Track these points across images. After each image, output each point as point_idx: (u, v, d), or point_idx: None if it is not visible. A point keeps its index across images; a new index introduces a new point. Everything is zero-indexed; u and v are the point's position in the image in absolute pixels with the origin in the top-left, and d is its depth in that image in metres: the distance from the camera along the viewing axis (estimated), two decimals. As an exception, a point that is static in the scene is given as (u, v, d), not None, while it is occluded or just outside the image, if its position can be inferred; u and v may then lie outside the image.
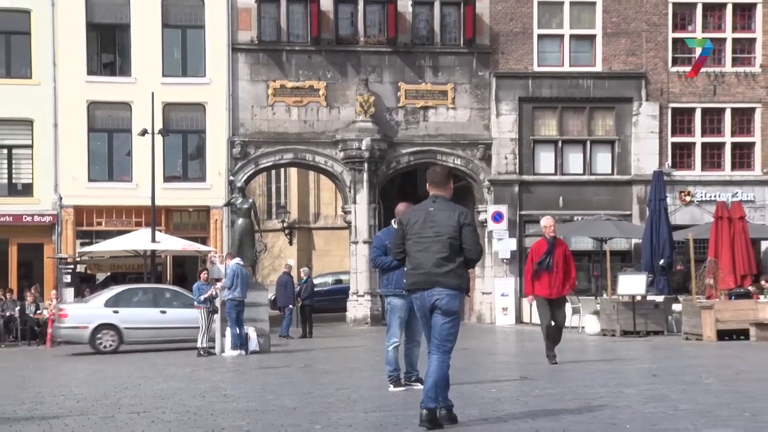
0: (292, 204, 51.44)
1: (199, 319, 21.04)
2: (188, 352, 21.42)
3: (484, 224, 32.10)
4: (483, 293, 32.72)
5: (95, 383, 14.63)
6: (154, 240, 28.97)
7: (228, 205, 27.77)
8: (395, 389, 11.56)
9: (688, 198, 33.12)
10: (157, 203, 29.44)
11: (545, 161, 33.40)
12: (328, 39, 32.52)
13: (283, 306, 28.91)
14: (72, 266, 31.17)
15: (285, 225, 50.73)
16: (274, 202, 52.59)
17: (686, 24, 33.75)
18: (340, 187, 33.89)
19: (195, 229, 32.65)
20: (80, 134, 31.56)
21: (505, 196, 32.83)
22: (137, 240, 29.83)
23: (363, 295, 32.48)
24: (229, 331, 20.71)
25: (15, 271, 31.78)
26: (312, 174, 47.10)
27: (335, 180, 33.87)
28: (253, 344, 21.04)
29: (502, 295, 32.17)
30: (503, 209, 32.24)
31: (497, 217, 32.12)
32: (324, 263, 48.68)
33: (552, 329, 15.16)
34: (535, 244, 15.69)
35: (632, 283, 24.43)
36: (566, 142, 33.43)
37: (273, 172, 47.26)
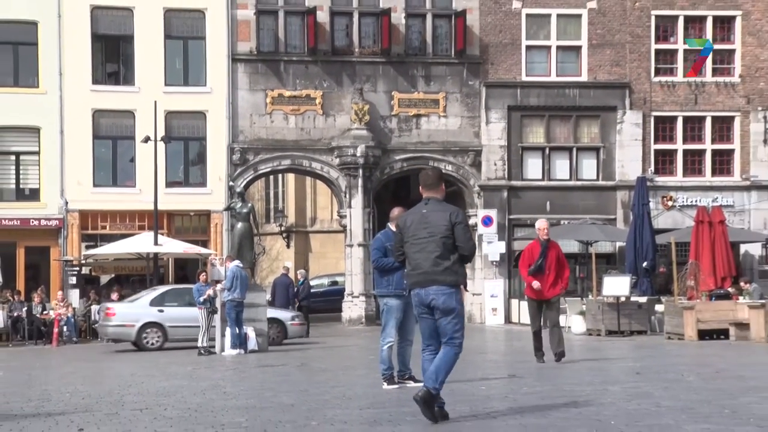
0: (289, 208, 51.37)
1: (199, 319, 21.07)
2: (189, 351, 21.39)
3: (474, 228, 32.10)
4: (473, 294, 32.69)
5: (100, 381, 14.61)
6: (156, 243, 28.94)
7: (228, 209, 27.73)
8: (389, 387, 11.54)
9: (670, 203, 33.16)
10: (160, 208, 29.41)
11: (533, 167, 33.44)
12: (324, 50, 32.54)
13: (281, 307, 28.80)
14: (77, 268, 31.24)
15: (283, 228, 50.67)
16: (272, 206, 52.51)
17: (668, 36, 33.81)
18: (336, 192, 33.88)
19: (196, 232, 32.64)
20: (85, 141, 31.55)
21: (495, 200, 32.86)
22: (140, 243, 29.82)
23: (358, 296, 32.47)
24: (228, 331, 20.68)
25: (22, 273, 31.70)
26: (309, 179, 47.08)
27: (331, 185, 33.86)
28: (251, 343, 21.01)
29: (492, 296, 32.21)
30: (493, 213, 32.28)
31: (487, 221, 32.15)
32: (320, 265, 48.61)
33: (541, 334, 14.92)
34: (528, 245, 15.36)
35: (617, 285, 24.46)
36: (553, 149, 33.47)
37: (271, 177, 47.21)
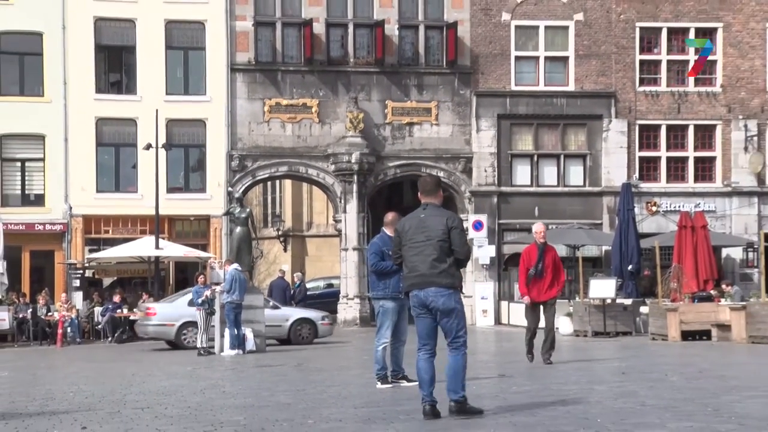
0: (286, 213, 51.31)
1: (197, 320, 21.04)
2: (189, 351, 21.36)
3: (465, 232, 32.06)
4: (464, 296, 32.64)
5: (102, 381, 14.56)
6: (157, 247, 28.91)
7: (227, 214, 27.74)
8: (383, 386, 11.53)
9: (654, 208, 33.19)
10: (161, 213, 29.39)
11: (522, 174, 33.44)
12: (320, 60, 32.54)
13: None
14: (81, 271, 31.24)
15: (280, 233, 50.60)
16: (269, 211, 52.43)
17: (652, 47, 33.86)
18: (332, 198, 33.86)
19: (196, 236, 32.59)
20: (89, 148, 31.51)
21: (485, 206, 32.85)
22: (142, 247, 29.82)
23: (353, 299, 32.43)
24: (227, 332, 20.65)
25: (28, 276, 31.70)
26: (305, 185, 47.02)
27: (327, 191, 33.84)
28: (250, 344, 20.96)
29: (482, 299, 32.17)
30: (483, 218, 32.28)
31: (477, 226, 32.14)
32: (316, 268, 48.53)
33: (534, 336, 14.88)
34: (526, 249, 15.22)
35: (603, 287, 24.45)
36: (541, 156, 33.48)
37: (269, 183, 47.07)
